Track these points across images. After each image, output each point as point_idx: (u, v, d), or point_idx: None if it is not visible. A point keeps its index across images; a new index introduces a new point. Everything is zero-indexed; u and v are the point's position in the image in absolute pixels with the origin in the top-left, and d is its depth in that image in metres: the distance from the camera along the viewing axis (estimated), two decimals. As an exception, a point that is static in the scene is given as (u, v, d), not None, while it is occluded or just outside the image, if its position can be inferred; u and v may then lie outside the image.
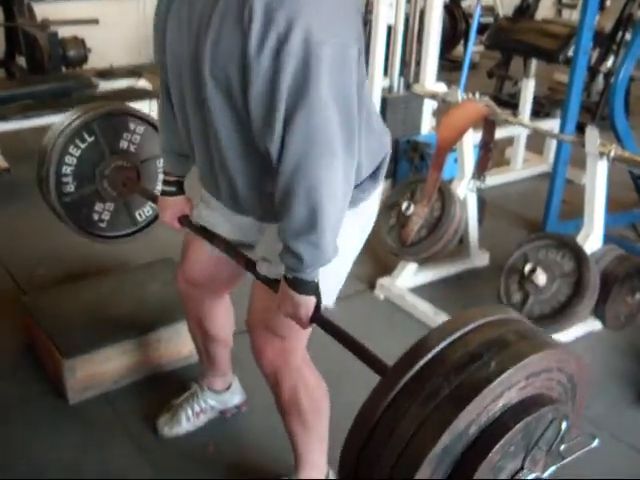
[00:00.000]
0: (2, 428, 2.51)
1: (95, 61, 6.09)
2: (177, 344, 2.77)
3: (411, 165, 3.83)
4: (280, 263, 1.65)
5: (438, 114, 4.29)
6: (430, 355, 1.21)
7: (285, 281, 1.67)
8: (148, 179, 2.75)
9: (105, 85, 4.83)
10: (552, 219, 3.99)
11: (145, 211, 2.81)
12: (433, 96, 3.36)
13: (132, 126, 2.66)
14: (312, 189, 1.51)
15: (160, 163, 2.81)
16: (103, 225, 2.76)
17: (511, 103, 5.55)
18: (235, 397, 2.54)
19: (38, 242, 3.78)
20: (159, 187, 2.50)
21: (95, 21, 5.68)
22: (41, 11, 6.48)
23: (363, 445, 1.22)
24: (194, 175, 2.00)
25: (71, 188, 2.64)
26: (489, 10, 7.85)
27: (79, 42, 5.44)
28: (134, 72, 4.87)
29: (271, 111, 1.47)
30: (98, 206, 2.73)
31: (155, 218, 2.82)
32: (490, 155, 3.26)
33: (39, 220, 2.89)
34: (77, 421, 2.55)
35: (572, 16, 9.00)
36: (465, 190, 3.38)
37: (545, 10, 8.18)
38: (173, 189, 2.13)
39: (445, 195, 3.25)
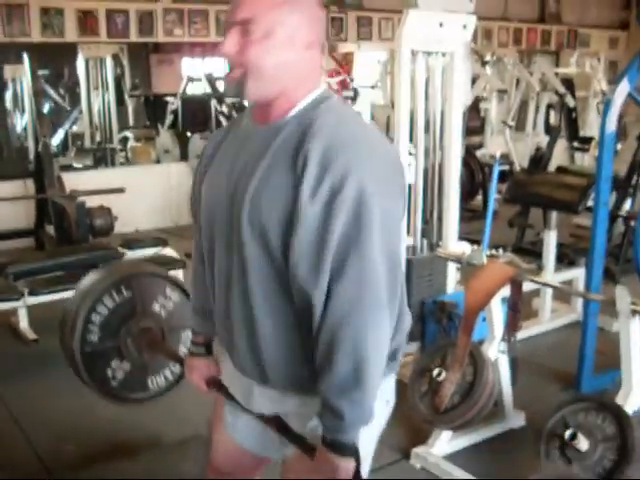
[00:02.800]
0: None
1: (120, 226, 6.25)
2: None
3: (439, 326, 3.80)
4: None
5: (462, 272, 4.31)
6: None
7: (323, 444, 1.59)
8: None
9: (132, 254, 4.91)
10: (587, 374, 3.89)
11: (158, 380, 2.80)
12: (458, 259, 3.37)
13: (168, 292, 2.70)
14: (360, 342, 1.49)
15: (185, 336, 2.82)
16: (114, 384, 2.75)
17: (534, 252, 5.58)
18: None
19: (65, 417, 3.72)
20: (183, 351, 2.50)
21: (121, 190, 5.86)
22: (70, 179, 6.75)
23: None
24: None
25: (94, 338, 2.65)
26: (504, 157, 8.05)
27: (106, 211, 5.61)
28: (160, 239, 4.97)
29: (320, 259, 1.47)
30: (115, 363, 2.72)
31: (166, 390, 2.81)
32: (519, 315, 3.23)
33: (66, 394, 2.88)
34: None
35: (584, 160, 9.20)
36: (496, 352, 3.33)
37: (558, 154, 8.38)
38: (201, 350, 2.06)
39: (476, 359, 3.19)
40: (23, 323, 4.85)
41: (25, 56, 7.15)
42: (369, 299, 1.48)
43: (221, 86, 8.97)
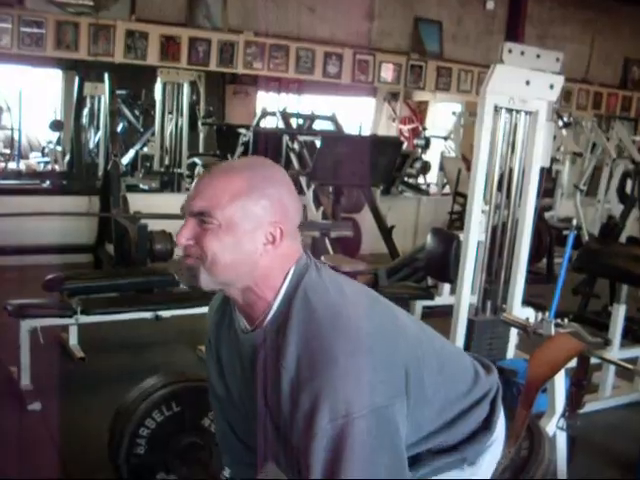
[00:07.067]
0: None
1: (179, 252, 6.22)
2: None
3: (496, 393, 3.63)
4: None
5: (523, 337, 4.14)
6: None
7: None
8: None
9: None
10: (648, 461, 3.68)
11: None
12: (523, 327, 3.21)
13: None
14: None
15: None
16: None
17: (597, 322, 5.36)
18: None
19: (100, 442, 3.64)
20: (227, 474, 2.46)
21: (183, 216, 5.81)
22: (135, 200, 6.79)
23: None
24: None
25: (142, 450, 2.66)
26: (570, 221, 7.83)
27: (167, 236, 5.55)
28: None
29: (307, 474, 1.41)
30: (160, 475, 2.73)
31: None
32: (583, 392, 3.06)
33: (106, 417, 2.84)
34: None
35: (657, 232, 8.93)
36: (555, 428, 3.15)
37: (630, 224, 8.13)
38: None
39: (534, 434, 3.02)
40: (73, 340, 4.84)
41: (106, 75, 7.22)
42: None
43: (294, 122, 8.99)
